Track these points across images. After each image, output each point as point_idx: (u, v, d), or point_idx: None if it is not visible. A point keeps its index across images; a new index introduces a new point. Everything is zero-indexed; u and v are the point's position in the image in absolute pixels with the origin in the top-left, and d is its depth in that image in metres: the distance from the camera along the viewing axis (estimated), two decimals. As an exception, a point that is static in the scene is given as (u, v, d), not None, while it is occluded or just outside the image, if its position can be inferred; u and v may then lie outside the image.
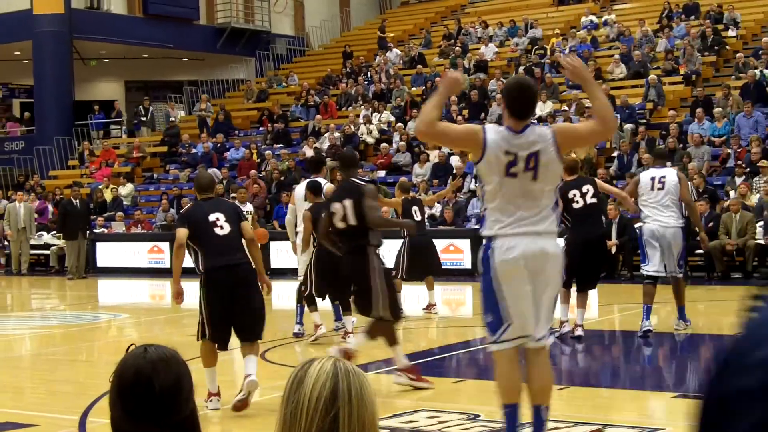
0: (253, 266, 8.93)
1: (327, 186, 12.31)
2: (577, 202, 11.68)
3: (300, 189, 12.79)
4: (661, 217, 11.63)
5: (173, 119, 32.62)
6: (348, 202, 9.18)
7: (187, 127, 32.47)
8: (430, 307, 14.97)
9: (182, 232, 8.65)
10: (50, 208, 28.01)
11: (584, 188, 11.76)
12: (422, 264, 14.36)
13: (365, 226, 9.21)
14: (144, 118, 33.94)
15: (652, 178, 11.76)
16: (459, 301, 18.71)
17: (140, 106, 34.52)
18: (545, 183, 6.09)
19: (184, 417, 2.61)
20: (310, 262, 12.47)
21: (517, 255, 6.05)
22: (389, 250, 14.86)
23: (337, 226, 9.28)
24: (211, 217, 8.69)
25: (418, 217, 14.15)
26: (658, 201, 11.66)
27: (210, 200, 9.01)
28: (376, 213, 9.38)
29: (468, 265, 20.49)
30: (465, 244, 20.98)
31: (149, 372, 2.58)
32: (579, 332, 11.79)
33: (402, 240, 14.53)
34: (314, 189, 12.19)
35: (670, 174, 11.83)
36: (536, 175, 6.06)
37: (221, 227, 8.67)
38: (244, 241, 8.85)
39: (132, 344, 2.71)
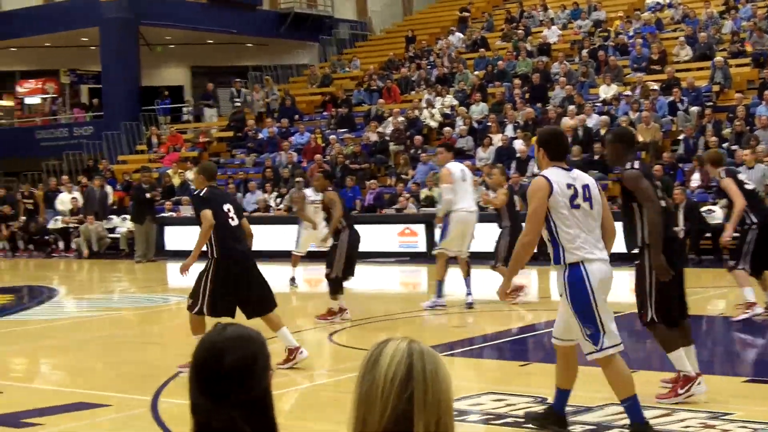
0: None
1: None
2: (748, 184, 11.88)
3: (456, 168, 13.95)
4: None
5: (245, 99, 32.72)
6: None
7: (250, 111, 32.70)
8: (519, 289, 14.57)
9: (210, 214, 9.42)
10: (110, 192, 28.48)
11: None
12: None
13: None
14: (210, 103, 34.28)
15: None
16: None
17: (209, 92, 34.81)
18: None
19: (255, 396, 2.63)
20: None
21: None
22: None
23: None
24: (225, 207, 9.51)
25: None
26: None
27: (219, 190, 9.91)
28: None
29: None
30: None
31: (222, 349, 2.60)
32: None
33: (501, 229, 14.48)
34: None
35: None
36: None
37: (232, 219, 9.50)
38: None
39: (217, 323, 2.75)
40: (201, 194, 9.63)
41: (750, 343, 11.65)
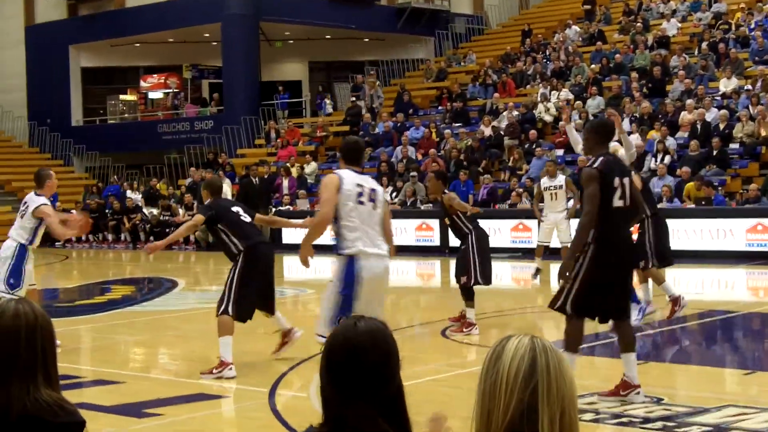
0: None
1: None
2: None
3: None
4: None
5: (366, 95, 33.02)
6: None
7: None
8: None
9: (200, 215, 10.14)
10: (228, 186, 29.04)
11: None
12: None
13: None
14: (328, 100, 34.70)
15: None
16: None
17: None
18: None
19: (390, 393, 2.69)
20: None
21: None
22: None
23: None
24: (233, 209, 10.17)
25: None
26: None
27: (224, 200, 10.72)
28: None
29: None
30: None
31: (358, 347, 2.65)
32: None
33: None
34: None
35: None
36: None
37: (244, 218, 10.06)
38: None
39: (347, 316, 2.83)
40: (206, 203, 10.39)
41: None
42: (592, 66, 29.57)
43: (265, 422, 7.82)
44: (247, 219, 10.09)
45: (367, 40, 38.86)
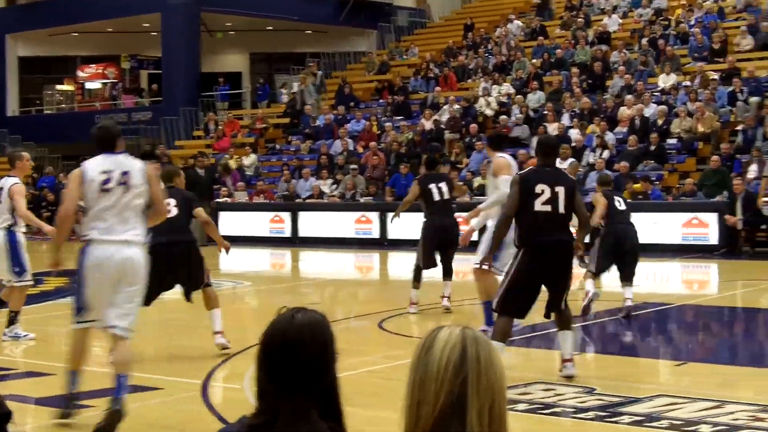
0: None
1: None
2: None
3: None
4: None
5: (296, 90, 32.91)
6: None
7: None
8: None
9: None
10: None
11: None
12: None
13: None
14: (284, 90, 34.52)
15: None
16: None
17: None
18: None
19: (326, 385, 2.67)
20: None
21: None
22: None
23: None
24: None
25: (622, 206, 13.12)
26: None
27: (169, 188, 10.20)
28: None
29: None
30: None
31: (295, 339, 2.63)
32: None
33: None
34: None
35: None
36: None
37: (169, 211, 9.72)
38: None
39: (284, 307, 2.75)
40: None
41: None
42: (534, 61, 29.69)
43: (197, 414, 7.74)
44: (171, 214, 9.78)
45: (309, 32, 38.72)
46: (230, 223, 25.50)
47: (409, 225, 23.56)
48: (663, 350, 11.03)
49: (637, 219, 20.22)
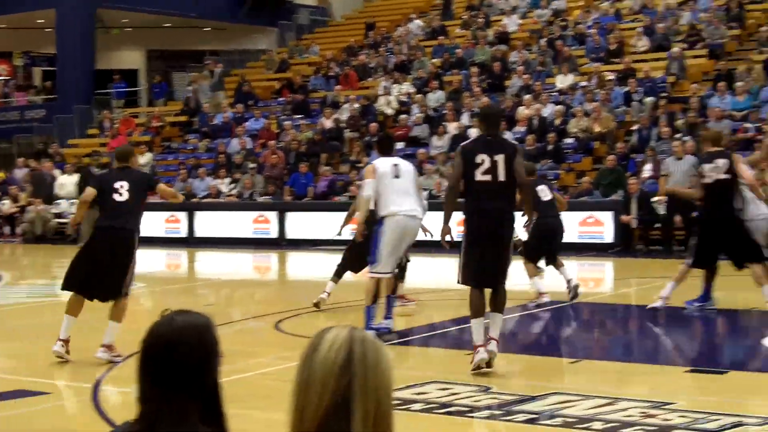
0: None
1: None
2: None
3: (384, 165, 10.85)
4: None
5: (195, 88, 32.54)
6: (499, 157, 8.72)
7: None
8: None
9: (89, 192, 9.91)
10: (59, 176, 28.15)
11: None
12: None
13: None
14: (158, 89, 34.04)
15: None
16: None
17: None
18: None
19: (207, 388, 2.62)
20: None
21: None
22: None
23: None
24: (116, 185, 9.66)
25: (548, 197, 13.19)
26: None
27: (122, 170, 9.91)
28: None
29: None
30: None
31: (174, 341, 2.59)
32: None
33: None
34: None
35: None
36: None
37: (121, 194, 9.60)
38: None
39: (166, 309, 2.70)
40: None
41: (694, 333, 11.64)
42: (434, 60, 29.77)
43: (87, 418, 7.56)
44: (121, 198, 9.56)
45: (208, 29, 38.30)
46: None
47: (305, 225, 23.57)
48: (558, 348, 11.07)
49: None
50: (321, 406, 2.35)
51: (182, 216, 24.99)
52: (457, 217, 8.91)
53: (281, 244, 23.33)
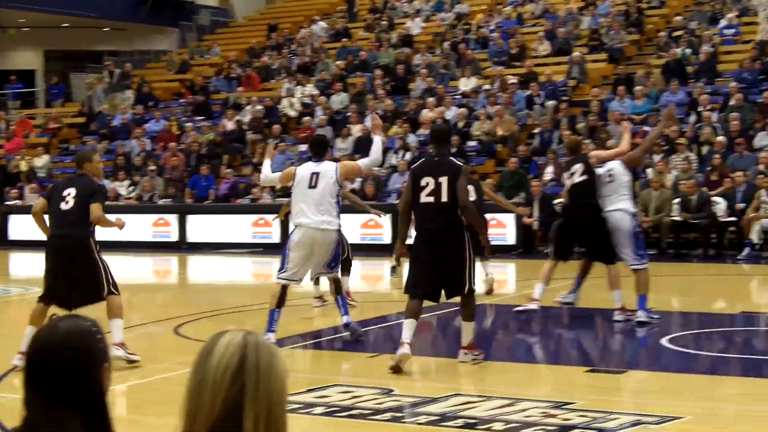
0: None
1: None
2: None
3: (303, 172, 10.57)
4: None
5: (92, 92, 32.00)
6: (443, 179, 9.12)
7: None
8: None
9: (39, 203, 9.81)
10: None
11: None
12: None
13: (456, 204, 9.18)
14: (56, 90, 33.39)
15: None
16: (377, 276, 18.64)
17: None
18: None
19: (89, 393, 2.57)
20: None
21: None
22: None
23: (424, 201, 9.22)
24: (64, 192, 9.43)
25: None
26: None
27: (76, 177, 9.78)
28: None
29: (388, 240, 20.48)
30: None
31: (55, 346, 2.55)
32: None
33: None
34: None
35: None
36: None
37: (67, 202, 9.37)
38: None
39: (54, 314, 2.66)
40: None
41: (594, 333, 11.74)
42: (338, 62, 29.70)
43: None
44: (66, 206, 9.33)
45: (107, 29, 37.66)
46: (20, 227, 24.45)
47: (206, 228, 23.30)
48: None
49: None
50: (213, 411, 2.31)
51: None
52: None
53: (182, 247, 23.02)
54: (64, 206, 9.36)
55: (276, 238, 22.32)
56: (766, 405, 7.68)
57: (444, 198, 9.00)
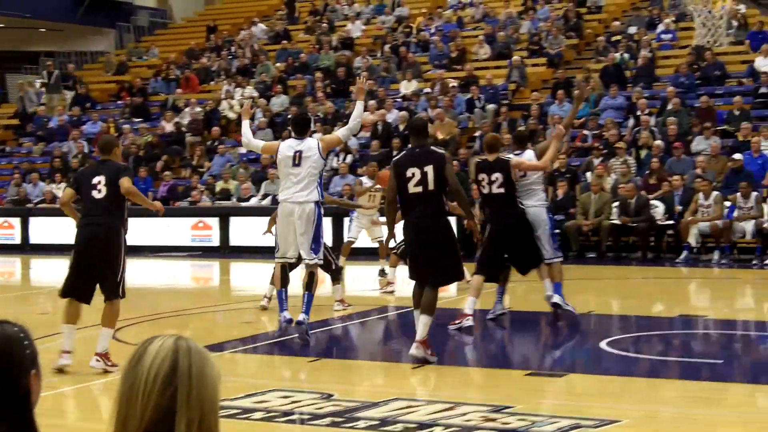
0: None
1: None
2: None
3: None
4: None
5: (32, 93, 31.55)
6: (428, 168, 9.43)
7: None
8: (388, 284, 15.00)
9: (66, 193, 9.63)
10: None
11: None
12: None
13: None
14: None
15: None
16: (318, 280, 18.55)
17: None
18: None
19: (16, 400, 2.50)
20: None
21: None
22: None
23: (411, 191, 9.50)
24: (94, 180, 9.24)
25: None
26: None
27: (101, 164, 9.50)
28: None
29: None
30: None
31: None
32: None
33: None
34: None
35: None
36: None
37: (99, 191, 9.18)
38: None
39: None
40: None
41: (533, 337, 11.77)
42: (278, 64, 29.58)
43: None
44: (98, 195, 9.14)
45: (44, 30, 37.16)
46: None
47: (145, 231, 23.06)
48: (401, 354, 11.04)
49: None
50: (144, 417, 2.28)
51: (16, 222, 24.14)
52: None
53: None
54: (96, 194, 9.19)
55: (215, 241, 22.19)
56: (704, 408, 7.74)
57: (431, 186, 9.33)
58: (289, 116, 16.71)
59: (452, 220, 14.51)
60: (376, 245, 16.00)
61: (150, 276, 20.31)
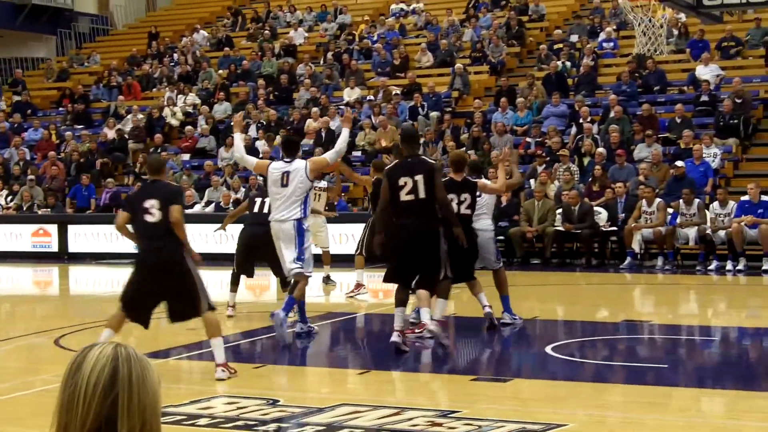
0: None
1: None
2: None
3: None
4: None
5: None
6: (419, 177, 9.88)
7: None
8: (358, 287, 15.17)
9: (122, 217, 9.20)
10: None
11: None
12: None
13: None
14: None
15: None
16: (263, 287, 18.47)
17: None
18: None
19: None
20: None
21: None
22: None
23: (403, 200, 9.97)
24: (146, 204, 8.89)
25: None
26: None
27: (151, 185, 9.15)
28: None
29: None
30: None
31: None
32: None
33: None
34: None
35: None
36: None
37: (152, 214, 8.85)
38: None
39: None
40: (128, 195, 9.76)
41: (478, 342, 11.81)
42: (220, 71, 29.45)
43: None
44: (152, 219, 8.76)
45: (-18, 35, 36.63)
46: None
47: (88, 238, 22.82)
48: (347, 359, 11.06)
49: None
50: (85, 426, 2.27)
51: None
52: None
53: (63, 258, 22.51)
54: (150, 219, 8.81)
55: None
56: (650, 412, 7.80)
57: (422, 195, 9.83)
58: (231, 123, 16.78)
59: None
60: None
61: (93, 283, 20.14)
